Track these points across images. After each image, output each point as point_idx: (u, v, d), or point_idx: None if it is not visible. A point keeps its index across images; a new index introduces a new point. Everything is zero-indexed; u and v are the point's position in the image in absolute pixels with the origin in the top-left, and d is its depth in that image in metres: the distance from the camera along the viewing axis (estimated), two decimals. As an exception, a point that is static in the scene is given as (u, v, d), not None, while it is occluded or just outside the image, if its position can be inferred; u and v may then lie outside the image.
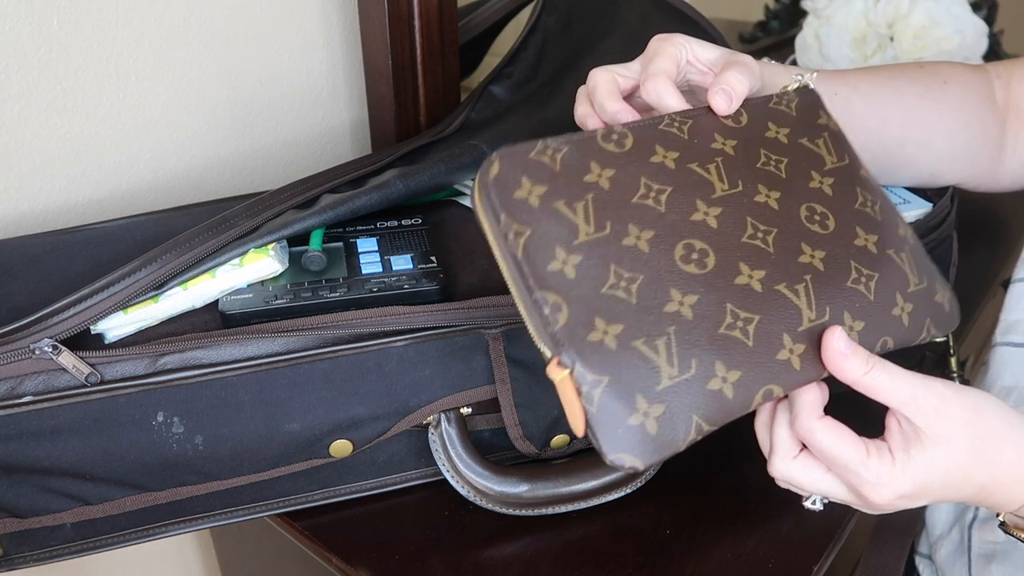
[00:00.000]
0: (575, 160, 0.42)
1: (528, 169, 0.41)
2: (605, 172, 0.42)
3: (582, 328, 0.39)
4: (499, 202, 0.40)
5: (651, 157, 0.44)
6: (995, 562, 0.57)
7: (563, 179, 0.41)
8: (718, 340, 0.41)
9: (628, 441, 0.38)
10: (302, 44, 0.73)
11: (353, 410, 0.52)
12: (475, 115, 0.68)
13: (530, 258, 0.40)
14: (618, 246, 0.41)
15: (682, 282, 0.41)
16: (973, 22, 0.98)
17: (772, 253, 0.44)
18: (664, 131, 0.45)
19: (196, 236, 0.51)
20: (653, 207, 0.42)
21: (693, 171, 0.44)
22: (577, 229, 0.40)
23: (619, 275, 0.40)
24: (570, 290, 0.39)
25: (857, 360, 0.41)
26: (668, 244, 0.42)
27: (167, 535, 0.53)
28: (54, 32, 0.59)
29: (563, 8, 0.73)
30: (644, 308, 0.40)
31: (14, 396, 0.47)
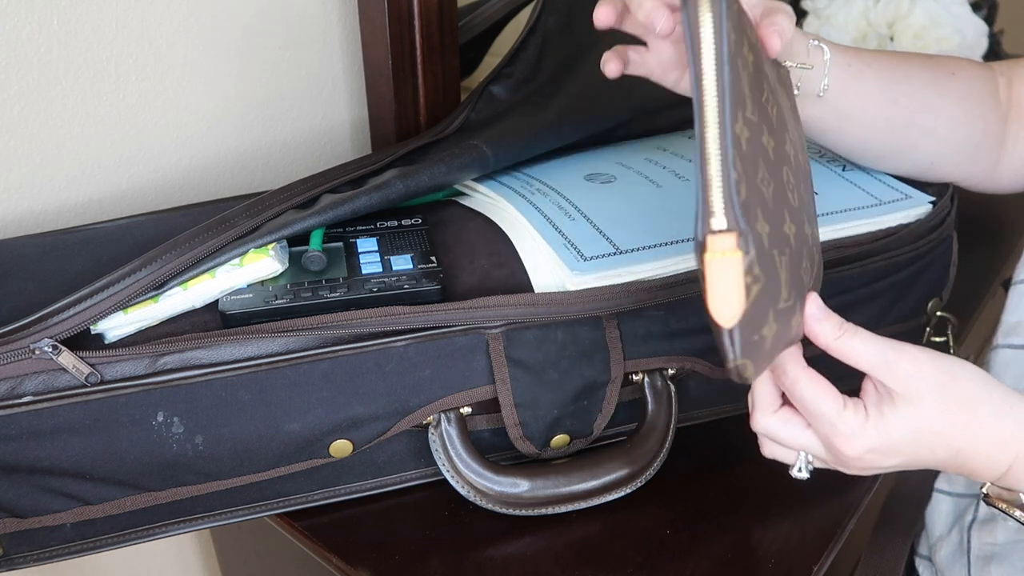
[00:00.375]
0: (741, 24, 0.36)
1: (731, 6, 0.33)
2: (750, 54, 0.36)
3: (752, 215, 0.34)
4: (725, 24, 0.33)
5: (764, 65, 0.39)
6: (994, 563, 0.57)
7: (737, 36, 0.34)
8: (799, 279, 0.39)
9: (755, 349, 0.35)
10: (302, 44, 0.73)
11: (353, 410, 0.52)
12: (475, 115, 0.68)
13: (733, 105, 0.33)
14: (760, 141, 0.36)
15: (789, 208, 0.39)
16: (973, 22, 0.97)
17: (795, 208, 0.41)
18: (756, 44, 0.39)
19: (196, 236, 0.51)
20: (771, 117, 0.38)
21: (779, 100, 0.40)
22: (746, 101, 0.35)
23: (762, 172, 0.36)
24: (746, 165, 0.34)
25: (829, 324, 0.42)
26: (781, 163, 0.39)
27: (167, 535, 0.53)
28: (54, 32, 0.59)
29: (563, 8, 0.73)
30: (775, 218, 0.36)
31: (14, 396, 0.47)
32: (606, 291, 0.52)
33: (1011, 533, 0.56)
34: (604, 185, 0.62)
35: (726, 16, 0.33)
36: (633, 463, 0.56)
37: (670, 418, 0.57)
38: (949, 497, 0.61)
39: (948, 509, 0.61)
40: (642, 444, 0.57)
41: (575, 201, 0.59)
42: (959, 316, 0.67)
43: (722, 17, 0.32)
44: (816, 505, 0.57)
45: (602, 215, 0.58)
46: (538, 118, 0.67)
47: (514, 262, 0.56)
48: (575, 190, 0.61)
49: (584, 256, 0.54)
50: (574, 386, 0.55)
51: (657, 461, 0.57)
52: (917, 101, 0.58)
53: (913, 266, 0.61)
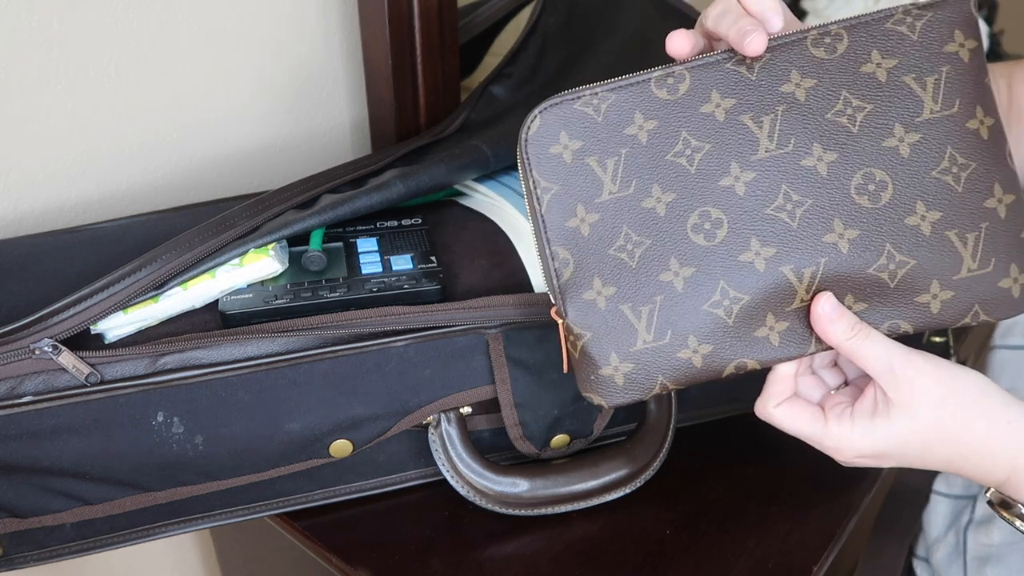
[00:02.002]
0: (620, 110, 0.43)
1: (569, 123, 0.42)
2: (647, 124, 0.43)
3: (581, 287, 0.43)
4: (533, 160, 0.43)
5: (702, 106, 0.43)
6: (990, 565, 0.57)
7: (602, 132, 0.42)
8: (700, 314, 0.43)
9: (597, 386, 0.44)
10: (302, 44, 0.73)
11: (353, 410, 0.52)
12: (475, 115, 0.68)
13: (551, 214, 0.43)
14: (636, 208, 0.43)
15: (685, 252, 0.43)
16: (973, 22, 0.97)
17: (793, 228, 0.42)
18: (730, 71, 0.43)
19: (196, 236, 0.51)
20: (685, 166, 0.42)
21: (742, 125, 0.42)
22: (602, 187, 0.43)
23: (628, 238, 0.43)
24: (580, 248, 0.43)
25: (841, 325, 0.42)
26: (685, 210, 0.42)
27: (167, 535, 0.53)
28: (54, 32, 0.59)
29: (563, 8, 0.73)
30: (641, 273, 0.43)
31: (14, 396, 0.47)
32: (606, 291, 0.52)
33: (1007, 534, 0.56)
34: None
35: (531, 152, 0.43)
36: (633, 463, 0.56)
37: (670, 418, 0.57)
38: (946, 499, 0.61)
39: (945, 511, 0.61)
40: (642, 444, 0.57)
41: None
42: (959, 316, 0.67)
43: (527, 157, 0.43)
44: (816, 505, 0.57)
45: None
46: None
47: (514, 262, 0.56)
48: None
49: (584, 256, 0.54)
50: (574, 386, 0.55)
51: (657, 461, 0.57)
52: None
53: (913, 266, 0.61)
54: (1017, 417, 0.42)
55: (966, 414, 0.42)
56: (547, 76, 0.71)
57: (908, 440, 0.43)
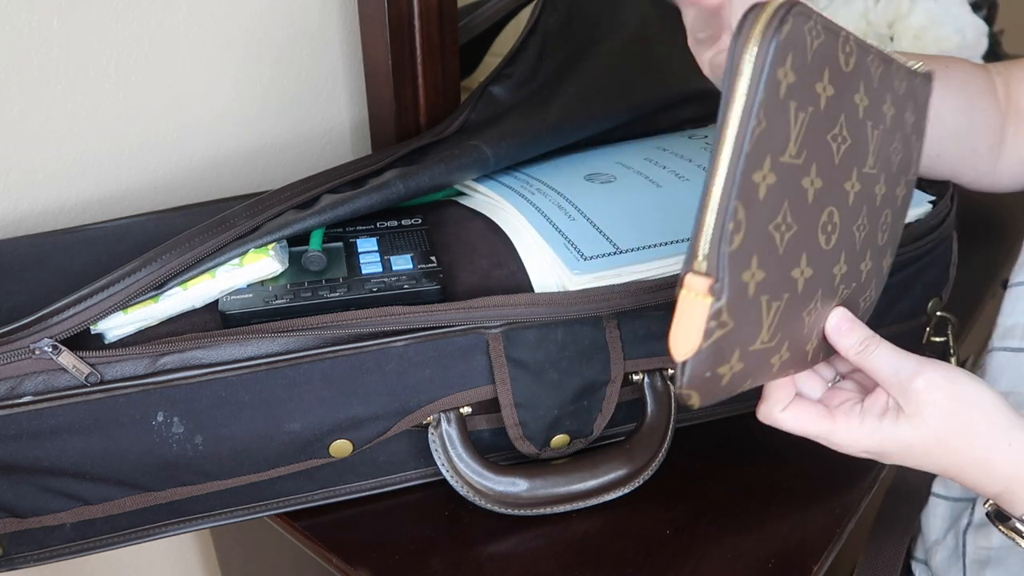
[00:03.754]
0: (821, 57, 0.35)
1: (797, 45, 0.34)
2: (829, 88, 0.36)
3: (743, 264, 0.35)
4: (768, 72, 0.33)
5: (855, 94, 0.38)
6: (990, 567, 0.57)
7: (807, 75, 0.35)
8: (798, 322, 0.40)
9: (705, 383, 0.37)
10: (302, 44, 0.73)
11: (353, 410, 0.52)
12: (475, 116, 0.68)
13: (752, 155, 0.34)
14: (798, 184, 0.37)
15: (812, 251, 0.39)
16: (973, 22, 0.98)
17: (857, 251, 0.42)
18: (868, 66, 0.39)
19: (196, 236, 0.51)
20: (833, 155, 0.38)
21: (867, 131, 0.39)
22: (787, 146, 0.35)
23: (785, 217, 0.36)
24: (753, 213, 0.35)
25: (853, 338, 0.43)
26: (823, 204, 0.38)
27: (167, 535, 0.53)
28: (54, 32, 0.59)
29: (563, 8, 0.73)
30: (783, 263, 0.37)
31: (14, 396, 0.47)
32: (606, 291, 0.52)
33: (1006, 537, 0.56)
34: (604, 185, 0.62)
35: (772, 63, 0.33)
36: (632, 463, 0.56)
37: (670, 418, 0.57)
38: (945, 501, 0.61)
39: (944, 513, 0.61)
40: (641, 444, 0.57)
41: (575, 201, 0.59)
42: (959, 316, 0.67)
43: (765, 65, 0.33)
44: (816, 505, 0.57)
45: (602, 215, 0.58)
46: (538, 118, 0.67)
47: (514, 262, 0.56)
48: (575, 190, 0.61)
49: (584, 256, 0.54)
50: (574, 386, 0.55)
51: (656, 461, 0.57)
52: None
53: (913, 266, 0.61)
54: (1018, 440, 0.43)
55: (970, 431, 0.43)
56: (547, 76, 0.71)
57: (911, 445, 0.44)
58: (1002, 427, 0.43)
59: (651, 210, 0.58)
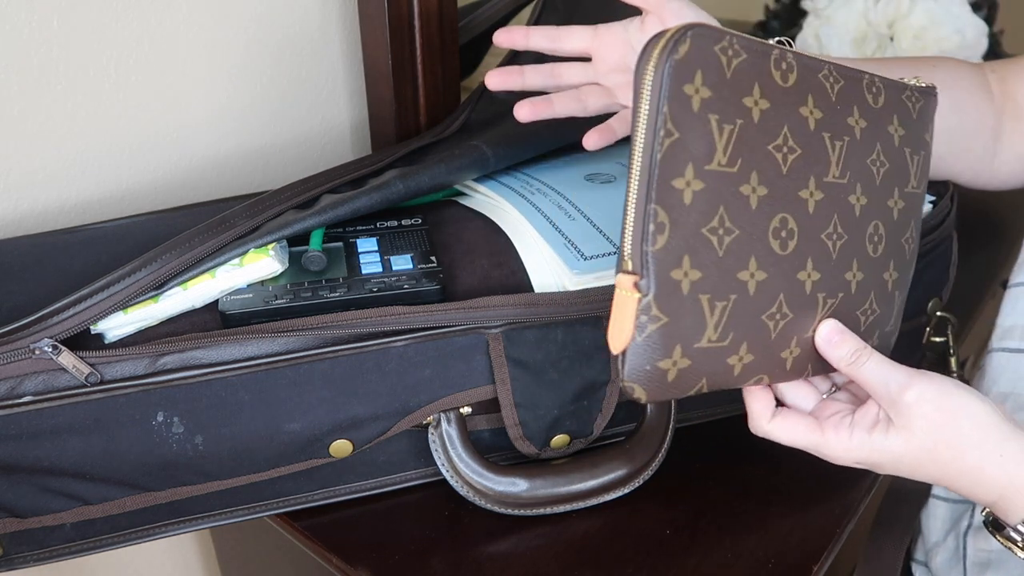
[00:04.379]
0: (746, 74, 0.38)
1: (706, 63, 0.37)
2: (761, 102, 0.39)
3: (671, 262, 0.38)
4: (669, 90, 0.36)
5: (801, 107, 0.40)
6: (990, 570, 0.57)
7: (727, 90, 0.38)
8: (756, 324, 0.42)
9: (647, 377, 0.39)
10: (302, 44, 0.73)
11: (353, 410, 0.52)
12: (475, 116, 0.68)
13: (664, 165, 0.37)
14: (734, 191, 0.39)
15: (763, 255, 0.40)
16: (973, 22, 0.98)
17: (833, 259, 0.43)
18: (820, 81, 0.41)
19: (196, 236, 0.51)
20: (779, 164, 0.40)
21: (823, 142, 0.41)
22: (713, 154, 0.38)
23: (722, 221, 0.39)
24: (679, 216, 0.37)
25: (844, 349, 0.44)
26: (771, 210, 0.40)
27: (167, 535, 0.53)
28: (54, 32, 0.59)
29: (563, 8, 0.73)
30: (724, 265, 0.39)
31: (14, 396, 0.47)
32: (606, 291, 0.52)
33: None
34: (604, 185, 0.62)
35: (672, 80, 0.36)
36: (632, 463, 0.56)
37: (669, 418, 0.57)
38: (945, 503, 0.61)
39: (944, 515, 0.61)
40: (641, 444, 0.57)
41: (575, 201, 0.59)
42: (959, 316, 0.67)
43: (663, 82, 0.36)
44: (816, 505, 0.57)
45: (602, 215, 0.58)
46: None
47: (514, 262, 0.56)
48: (575, 190, 0.61)
49: (584, 255, 0.54)
50: (574, 386, 0.55)
51: (656, 461, 0.57)
52: None
53: (913, 266, 0.61)
54: (1011, 451, 0.43)
55: (961, 443, 0.43)
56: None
57: (901, 457, 0.44)
58: (993, 439, 0.43)
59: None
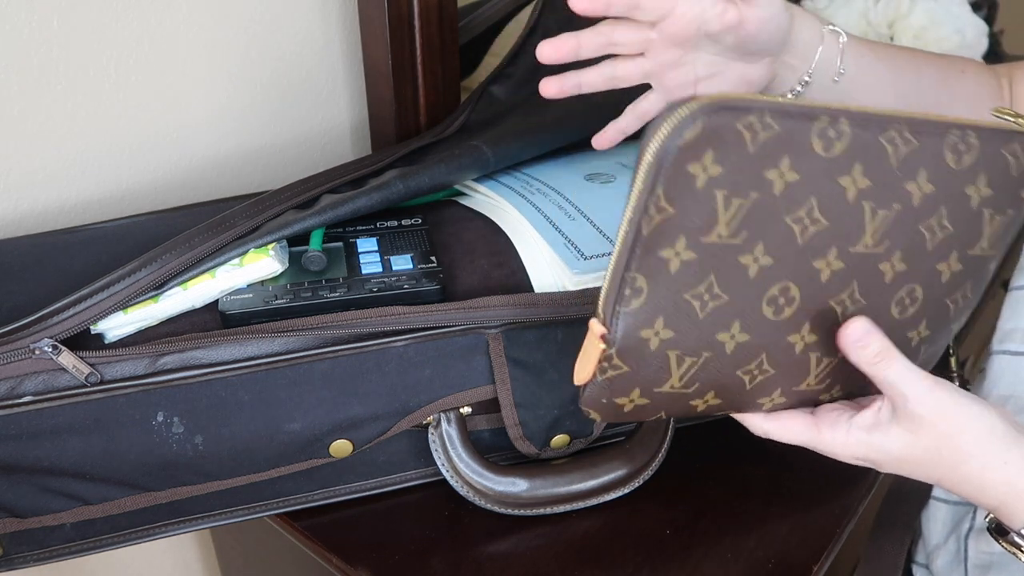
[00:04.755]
0: (775, 146, 0.36)
1: (723, 143, 0.35)
2: (789, 175, 0.37)
3: (642, 323, 0.39)
4: (669, 173, 0.35)
5: (842, 176, 0.38)
6: (992, 573, 0.57)
7: (746, 166, 0.36)
8: (729, 376, 0.42)
9: (603, 408, 0.42)
10: (302, 44, 0.73)
11: (353, 410, 0.52)
12: (475, 116, 0.68)
13: (652, 239, 0.37)
14: (732, 260, 0.38)
15: (749, 320, 0.40)
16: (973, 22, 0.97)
17: (840, 322, 0.42)
18: (881, 145, 0.38)
19: (196, 236, 0.51)
20: (795, 236, 0.38)
21: (861, 213, 0.38)
22: (714, 228, 0.37)
23: (710, 288, 0.38)
24: (659, 283, 0.38)
25: (870, 350, 0.42)
26: (773, 279, 0.39)
27: (167, 535, 0.53)
28: (54, 32, 0.59)
29: (563, 8, 0.73)
30: (703, 327, 0.40)
31: (14, 396, 0.47)
32: (606, 291, 0.52)
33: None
34: (604, 185, 0.62)
35: (674, 161, 0.35)
36: (632, 463, 0.56)
37: (669, 418, 0.57)
38: (946, 505, 0.61)
39: (945, 517, 0.61)
40: (642, 444, 0.57)
41: (575, 201, 0.59)
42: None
43: (664, 164, 0.35)
44: (816, 505, 0.57)
45: (602, 215, 0.58)
46: (538, 118, 0.67)
47: (514, 262, 0.56)
48: (575, 190, 0.61)
49: (584, 255, 0.54)
50: (574, 386, 0.54)
51: (656, 461, 0.57)
52: (925, 100, 0.58)
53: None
54: (1014, 458, 0.43)
55: (966, 451, 0.43)
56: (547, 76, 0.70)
57: (902, 457, 0.44)
58: (998, 448, 0.43)
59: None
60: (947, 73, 0.59)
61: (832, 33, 0.54)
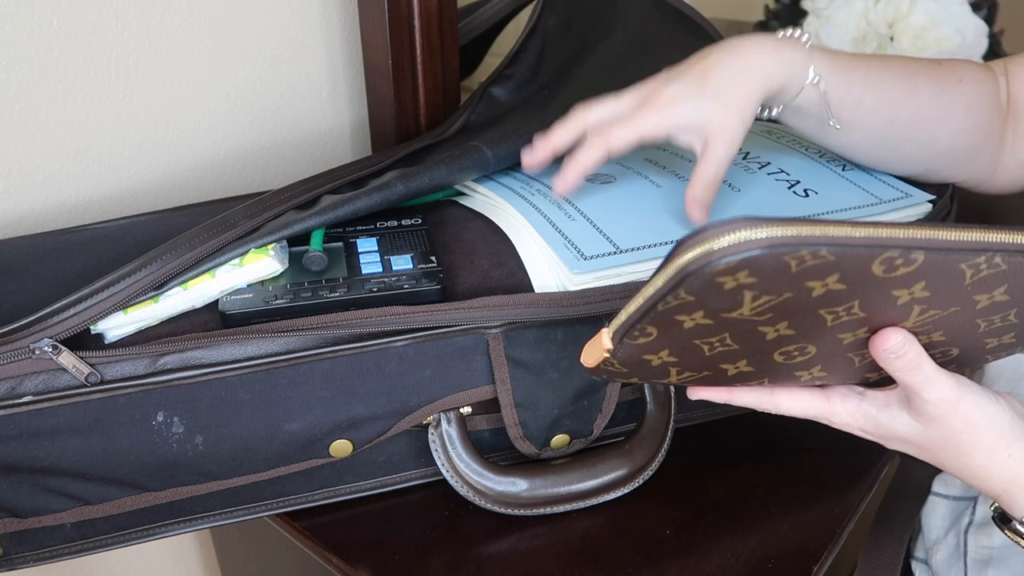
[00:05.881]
0: (821, 270, 0.33)
1: (761, 267, 0.32)
2: (835, 285, 0.34)
3: (648, 351, 0.39)
4: (690, 287, 0.33)
5: (898, 290, 0.35)
6: (992, 567, 0.57)
7: (786, 280, 0.33)
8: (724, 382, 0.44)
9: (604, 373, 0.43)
10: (302, 45, 0.73)
11: (353, 410, 0.52)
12: (476, 117, 0.68)
13: (667, 313, 0.35)
14: (752, 328, 0.37)
15: (757, 360, 0.41)
16: (973, 22, 0.97)
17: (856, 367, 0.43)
18: (959, 269, 0.34)
19: (196, 236, 0.51)
20: (826, 321, 0.37)
21: (910, 310, 0.37)
22: (736, 309, 0.35)
23: (723, 340, 0.38)
24: (671, 333, 0.37)
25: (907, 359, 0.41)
26: (791, 343, 0.39)
27: (167, 535, 0.53)
28: (54, 32, 0.59)
29: (563, 9, 0.73)
30: (707, 361, 0.41)
31: (14, 396, 0.47)
32: (606, 291, 0.52)
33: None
34: (604, 185, 0.62)
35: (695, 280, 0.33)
36: (632, 463, 0.56)
37: (669, 418, 0.57)
38: (945, 500, 0.61)
39: (944, 512, 0.61)
40: (641, 444, 0.57)
41: (575, 201, 0.59)
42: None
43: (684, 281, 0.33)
44: (816, 505, 0.57)
45: (602, 215, 0.58)
46: (538, 119, 0.66)
47: (514, 262, 0.56)
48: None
49: (584, 255, 0.54)
50: (574, 386, 0.55)
51: (656, 461, 0.57)
52: (918, 118, 0.57)
53: (913, 266, 0.61)
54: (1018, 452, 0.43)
55: (972, 445, 0.43)
56: (547, 77, 0.71)
57: (908, 439, 0.44)
58: (1005, 442, 0.43)
59: (651, 210, 0.58)
60: (944, 87, 0.58)
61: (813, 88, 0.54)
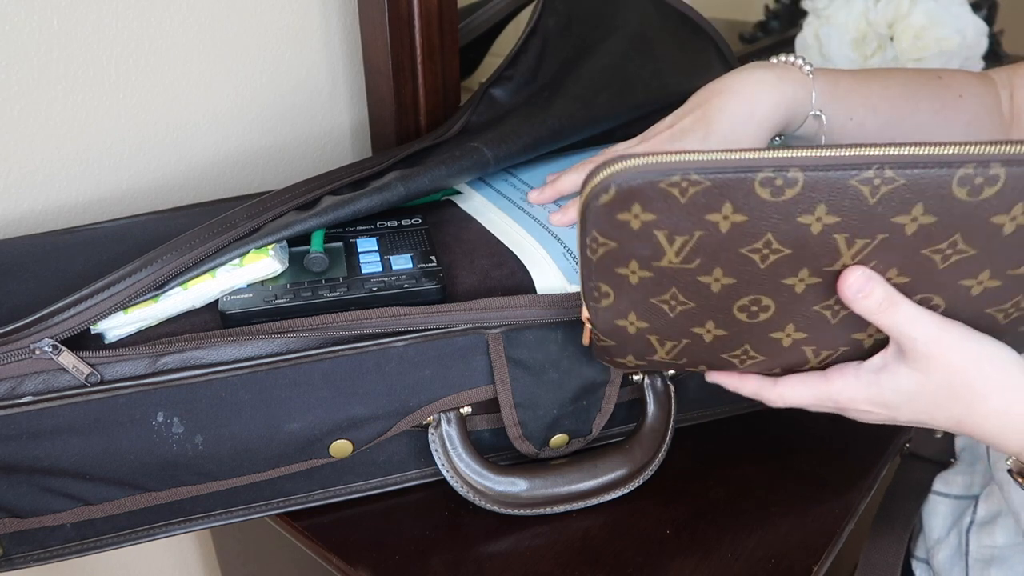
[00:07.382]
0: (710, 196, 0.36)
1: (645, 198, 0.37)
2: (734, 216, 0.37)
3: (616, 315, 0.43)
4: (597, 222, 0.38)
5: (801, 216, 0.37)
6: (994, 566, 0.57)
7: (682, 212, 0.37)
8: (717, 358, 0.45)
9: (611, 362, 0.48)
10: (302, 45, 0.73)
11: (353, 410, 0.52)
12: (476, 118, 0.68)
13: (603, 262, 0.40)
14: (692, 279, 0.40)
15: (723, 321, 0.42)
16: (973, 22, 0.98)
17: (831, 324, 0.42)
18: (854, 187, 0.36)
19: (197, 237, 0.51)
20: (756, 262, 0.39)
21: (832, 241, 0.38)
22: (663, 256, 0.39)
23: (675, 296, 0.41)
24: (624, 291, 0.41)
25: (874, 298, 0.40)
26: (739, 294, 0.40)
27: (167, 535, 0.53)
28: (54, 32, 0.59)
29: (563, 10, 0.73)
30: (676, 323, 0.43)
31: (14, 396, 0.47)
32: (606, 291, 0.52)
33: (1011, 536, 0.56)
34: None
35: (595, 216, 0.38)
36: (632, 463, 0.56)
37: (669, 418, 0.57)
38: (946, 499, 0.61)
39: (945, 511, 0.61)
40: (641, 444, 0.57)
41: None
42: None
43: (588, 219, 0.38)
44: (816, 505, 0.57)
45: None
46: (539, 120, 0.66)
47: (514, 262, 0.56)
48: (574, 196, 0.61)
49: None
50: (574, 386, 0.55)
51: (655, 461, 0.57)
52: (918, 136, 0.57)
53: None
54: None
55: (985, 385, 0.41)
56: (547, 78, 0.71)
57: (915, 396, 0.43)
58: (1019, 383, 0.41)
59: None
60: (944, 102, 0.58)
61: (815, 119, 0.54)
